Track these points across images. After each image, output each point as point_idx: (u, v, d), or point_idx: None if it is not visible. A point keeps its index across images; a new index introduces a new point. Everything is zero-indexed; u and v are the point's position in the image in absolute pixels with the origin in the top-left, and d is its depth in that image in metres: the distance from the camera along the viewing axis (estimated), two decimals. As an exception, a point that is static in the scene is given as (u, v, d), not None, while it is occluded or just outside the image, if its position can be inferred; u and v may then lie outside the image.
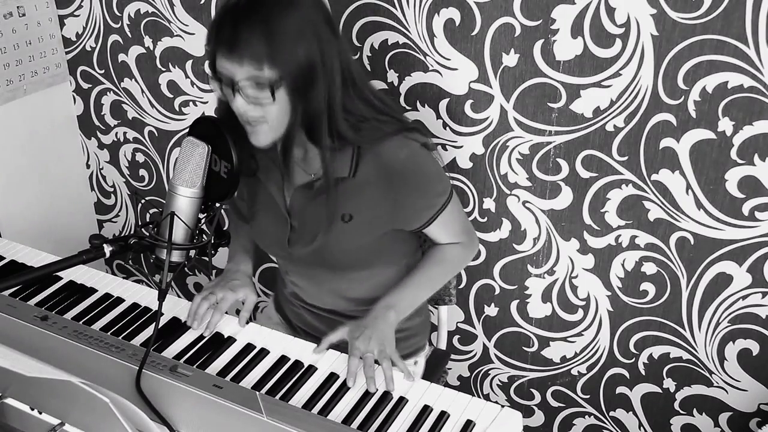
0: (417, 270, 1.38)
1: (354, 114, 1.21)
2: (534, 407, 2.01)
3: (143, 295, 1.43)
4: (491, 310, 1.92)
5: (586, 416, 1.95)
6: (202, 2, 1.87)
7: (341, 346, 1.30)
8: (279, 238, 1.35)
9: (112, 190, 2.34)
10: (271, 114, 1.15)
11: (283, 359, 1.26)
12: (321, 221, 1.27)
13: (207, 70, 1.19)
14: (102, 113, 2.20)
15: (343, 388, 1.19)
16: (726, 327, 1.68)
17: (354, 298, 1.42)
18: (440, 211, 1.32)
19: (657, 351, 1.77)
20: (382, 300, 1.31)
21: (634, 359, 1.81)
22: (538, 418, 2.02)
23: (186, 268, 2.30)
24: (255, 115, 1.15)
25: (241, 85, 1.11)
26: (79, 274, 1.48)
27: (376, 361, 1.22)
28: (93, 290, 1.44)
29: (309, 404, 1.16)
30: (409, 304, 1.34)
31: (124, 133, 2.20)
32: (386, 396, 1.17)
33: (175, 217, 1.11)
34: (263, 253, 1.54)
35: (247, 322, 1.35)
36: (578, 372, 1.89)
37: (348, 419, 1.13)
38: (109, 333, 1.29)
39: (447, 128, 1.72)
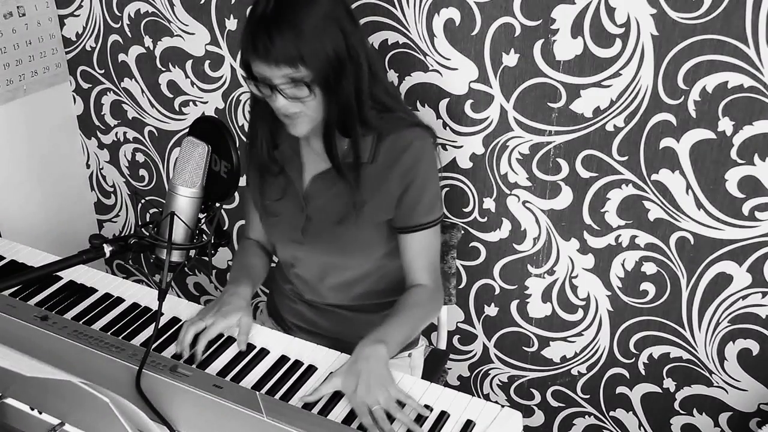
0: (399, 311, 1.33)
1: (379, 102, 1.30)
2: (534, 407, 2.01)
3: (143, 295, 1.43)
4: (491, 310, 1.92)
5: (586, 416, 1.95)
6: (202, 2, 1.87)
7: (342, 346, 1.30)
8: (294, 227, 1.38)
9: (112, 190, 2.34)
10: (310, 108, 1.23)
11: (283, 359, 1.26)
12: (336, 209, 1.33)
13: (241, 72, 1.26)
14: (102, 113, 2.20)
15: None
16: (726, 327, 1.68)
17: (358, 293, 1.44)
18: (430, 225, 1.35)
19: (657, 351, 1.77)
20: (370, 335, 1.25)
21: (634, 359, 1.81)
22: (538, 418, 2.02)
23: (186, 268, 2.29)
24: (295, 111, 1.23)
25: (280, 86, 1.19)
26: (79, 274, 1.48)
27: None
28: (93, 290, 1.44)
29: (309, 404, 1.16)
30: (396, 342, 1.27)
31: (124, 133, 2.20)
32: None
33: (175, 217, 1.11)
34: (267, 272, 1.53)
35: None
36: (578, 372, 1.89)
37: (348, 419, 1.13)
38: (109, 333, 1.29)
39: (447, 128, 1.72)
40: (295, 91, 1.20)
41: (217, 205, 1.18)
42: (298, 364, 1.25)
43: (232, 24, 1.86)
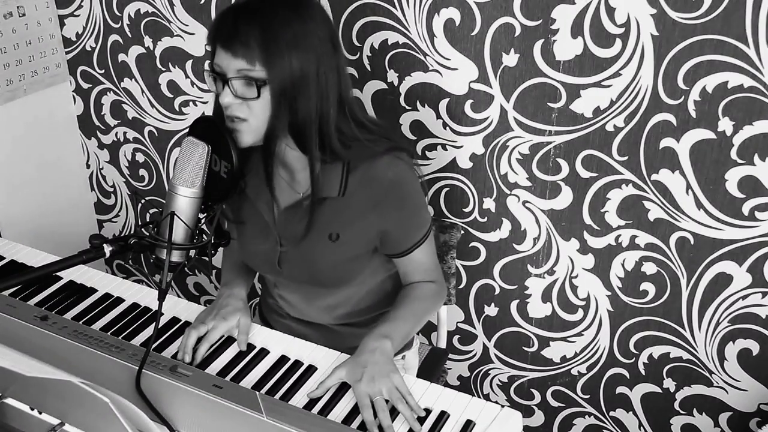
0: (403, 305, 1.34)
1: (346, 135, 1.22)
2: (534, 407, 2.01)
3: (143, 295, 1.43)
4: (491, 310, 1.92)
5: (586, 416, 1.95)
6: (202, 2, 1.87)
7: (341, 347, 1.30)
8: (269, 258, 1.35)
9: (112, 190, 2.34)
10: (254, 113, 1.15)
11: (283, 359, 1.26)
12: (311, 240, 1.28)
13: (205, 66, 1.20)
14: (102, 113, 2.20)
15: (343, 388, 1.19)
16: (726, 327, 1.68)
17: (341, 313, 1.43)
18: (421, 242, 1.33)
19: (657, 351, 1.77)
20: (375, 330, 1.26)
21: (634, 359, 1.81)
22: (538, 418, 2.02)
23: (186, 268, 2.30)
24: (239, 114, 1.15)
25: (232, 80, 1.13)
26: (79, 274, 1.48)
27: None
28: (93, 290, 1.44)
29: (309, 404, 1.16)
30: (401, 337, 1.28)
31: (124, 133, 2.20)
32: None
33: (175, 217, 1.11)
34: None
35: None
36: (578, 372, 1.89)
37: (348, 419, 1.13)
38: (109, 333, 1.29)
39: (447, 128, 1.72)
40: (244, 89, 1.13)
41: (217, 205, 1.18)
42: (298, 364, 1.25)
43: (232, 24, 1.86)
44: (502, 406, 1.14)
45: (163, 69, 2.02)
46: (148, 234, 1.11)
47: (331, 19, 1.20)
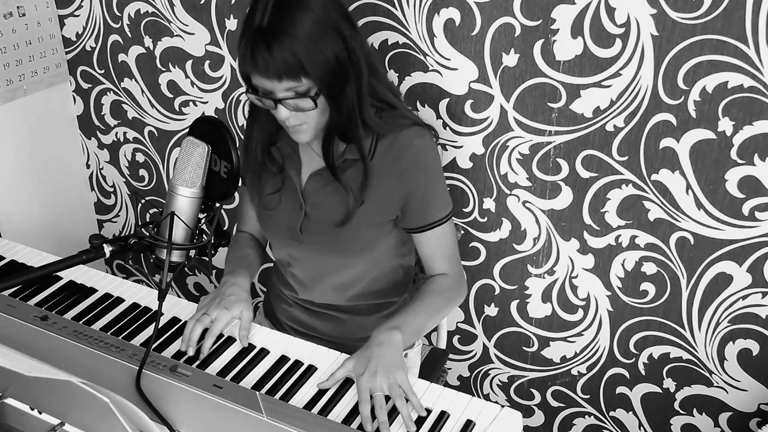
0: (417, 299, 1.35)
1: (380, 99, 1.28)
2: (534, 407, 2.01)
3: (143, 295, 1.43)
4: (491, 310, 1.92)
5: (586, 416, 1.95)
6: (202, 2, 1.87)
7: (337, 349, 1.30)
8: (292, 225, 1.37)
9: (112, 190, 2.34)
10: (313, 117, 1.22)
11: (283, 359, 1.26)
12: (334, 207, 1.32)
13: (242, 82, 1.24)
14: (102, 113, 2.20)
15: (343, 388, 1.19)
16: (726, 327, 1.68)
17: (352, 294, 1.44)
18: (442, 221, 1.35)
19: (657, 351, 1.77)
20: (387, 323, 1.26)
21: (634, 359, 1.81)
22: (538, 418, 2.02)
23: (186, 268, 2.30)
24: (297, 123, 1.22)
25: (284, 99, 1.17)
26: (79, 274, 1.48)
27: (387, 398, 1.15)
28: (93, 290, 1.44)
29: (309, 404, 1.16)
30: (413, 331, 1.28)
31: (124, 133, 2.20)
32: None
33: (175, 217, 1.11)
34: (264, 259, 1.54)
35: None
36: (578, 372, 1.89)
37: (348, 419, 1.13)
38: (109, 333, 1.29)
39: (447, 128, 1.72)
40: (298, 102, 1.18)
41: (217, 205, 1.18)
42: (298, 364, 1.25)
43: (232, 24, 1.86)
44: (502, 406, 1.14)
45: (163, 69, 2.02)
46: (148, 234, 1.11)
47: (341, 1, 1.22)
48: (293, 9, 1.14)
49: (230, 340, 1.30)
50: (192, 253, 1.15)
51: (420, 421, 1.12)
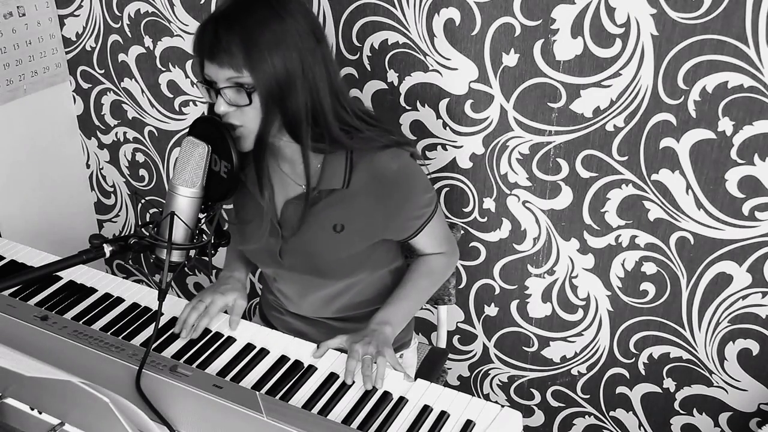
0: (406, 283, 1.39)
1: (347, 124, 1.24)
2: (534, 407, 2.01)
3: (143, 295, 1.43)
4: (491, 310, 1.92)
5: (586, 416, 1.95)
6: (202, 2, 1.87)
7: (339, 348, 1.30)
8: (271, 250, 1.36)
9: (112, 190, 2.34)
10: (248, 118, 1.17)
11: (283, 359, 1.26)
12: (313, 233, 1.30)
13: (192, 75, 1.21)
14: (102, 113, 2.20)
15: (343, 388, 1.19)
16: (726, 327, 1.68)
17: (339, 306, 1.44)
18: (428, 221, 1.36)
19: (657, 351, 1.77)
20: (376, 316, 1.32)
21: (634, 359, 1.81)
22: (538, 418, 2.02)
23: (186, 268, 2.30)
24: (234, 122, 1.17)
25: (223, 89, 1.14)
26: (79, 274, 1.48)
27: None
28: (93, 290, 1.44)
29: (309, 404, 1.16)
30: (402, 317, 1.35)
31: (124, 133, 2.20)
32: (386, 396, 1.17)
33: (175, 217, 1.11)
34: None
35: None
36: (578, 372, 1.89)
37: (348, 419, 1.13)
38: (109, 333, 1.29)
39: (447, 128, 1.72)
40: (236, 97, 1.14)
41: (217, 205, 1.18)
42: (298, 364, 1.25)
43: (232, 24, 1.86)
44: (502, 406, 1.14)
45: (163, 69, 2.02)
46: (148, 234, 1.11)
47: (311, 10, 1.20)
48: (257, 4, 1.14)
49: (230, 340, 1.31)
50: (192, 253, 1.15)
51: (420, 421, 1.12)
